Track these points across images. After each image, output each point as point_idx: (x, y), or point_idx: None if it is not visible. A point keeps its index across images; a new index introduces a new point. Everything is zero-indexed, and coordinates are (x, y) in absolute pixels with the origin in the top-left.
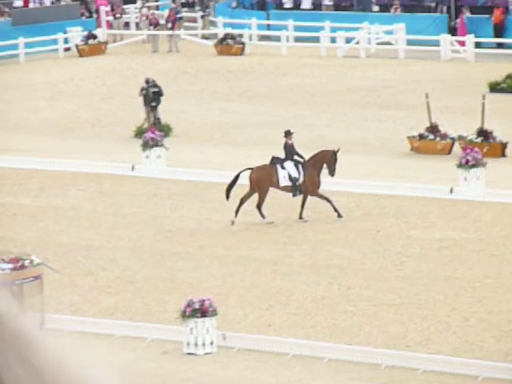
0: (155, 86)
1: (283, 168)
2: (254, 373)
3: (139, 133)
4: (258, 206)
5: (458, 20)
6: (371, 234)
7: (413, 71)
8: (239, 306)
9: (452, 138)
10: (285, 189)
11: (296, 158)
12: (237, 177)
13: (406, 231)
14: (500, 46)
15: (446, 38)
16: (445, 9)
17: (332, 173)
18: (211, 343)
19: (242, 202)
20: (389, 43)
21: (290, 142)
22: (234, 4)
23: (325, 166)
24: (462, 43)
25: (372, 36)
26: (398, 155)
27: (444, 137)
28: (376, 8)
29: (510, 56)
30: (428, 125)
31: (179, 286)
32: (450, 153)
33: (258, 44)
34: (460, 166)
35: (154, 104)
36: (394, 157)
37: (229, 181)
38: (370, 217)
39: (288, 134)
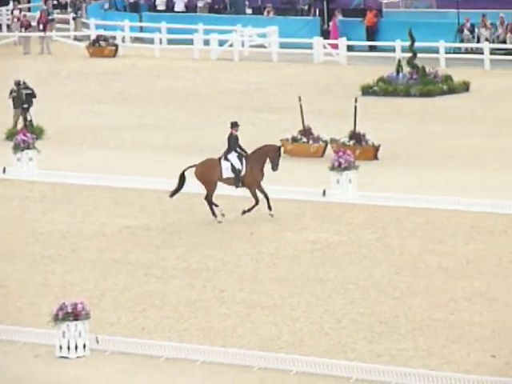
0: (27, 87)
1: (227, 160)
2: (127, 376)
3: (10, 135)
4: (207, 199)
5: (331, 23)
6: (245, 236)
7: (286, 74)
8: (112, 309)
9: (325, 141)
10: (227, 181)
11: (239, 150)
12: (182, 176)
13: (279, 233)
14: (372, 48)
15: (318, 41)
16: (317, 12)
17: (275, 168)
18: (84, 346)
19: (210, 199)
20: (262, 46)
21: (235, 133)
22: (106, 6)
23: (268, 160)
24: (335, 46)
25: (245, 39)
26: None
27: (317, 140)
28: (249, 11)
29: (382, 59)
30: (301, 128)
31: (52, 290)
32: (322, 156)
33: (130, 46)
34: (333, 168)
35: (25, 106)
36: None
37: (175, 183)
38: (243, 219)
39: (235, 125)
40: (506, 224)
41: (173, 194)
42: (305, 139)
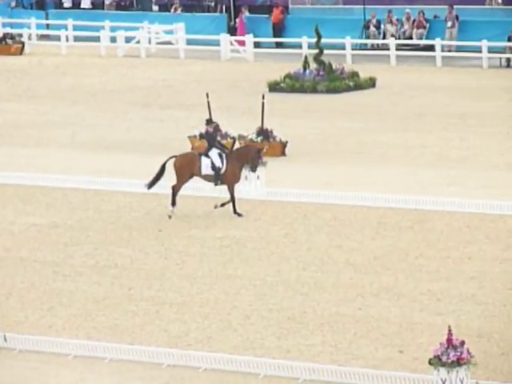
0: None
1: (207, 157)
2: (36, 374)
3: None
4: (174, 189)
5: (238, 20)
6: (153, 233)
7: (193, 71)
8: (20, 308)
9: (232, 138)
10: (206, 177)
11: (219, 146)
12: (163, 167)
13: (187, 230)
14: (279, 45)
15: (225, 38)
16: (224, 8)
17: (254, 169)
18: None
19: (176, 191)
20: (169, 43)
21: (210, 130)
22: (13, 4)
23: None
24: (242, 43)
25: (152, 36)
26: None
27: (225, 136)
28: (156, 8)
29: (289, 55)
30: None
31: None
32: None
33: (37, 44)
34: None
35: None
36: None
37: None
38: (152, 216)
39: (209, 122)
40: (412, 219)
41: (151, 184)
42: None
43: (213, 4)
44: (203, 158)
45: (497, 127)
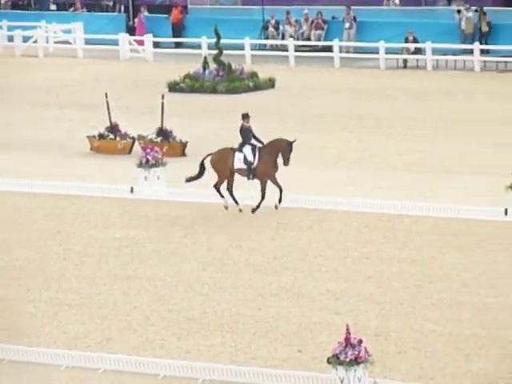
0: None
1: (241, 151)
2: None
3: None
4: (216, 186)
5: (137, 19)
6: (51, 234)
7: (92, 71)
8: None
9: (132, 138)
10: (240, 172)
11: (253, 141)
12: (202, 166)
13: (86, 231)
14: (178, 45)
15: (124, 38)
16: (123, 8)
17: (286, 163)
18: None
19: (230, 190)
20: (67, 42)
21: (246, 125)
22: None
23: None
24: (141, 43)
25: (50, 35)
26: (79, 155)
27: (124, 136)
28: (54, 7)
29: (189, 56)
30: (108, 124)
31: None
32: (130, 152)
33: None
34: (140, 165)
35: None
36: (74, 157)
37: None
38: (50, 217)
39: (246, 116)
40: (311, 219)
41: (189, 180)
42: (112, 136)
43: (111, 3)
44: (237, 153)
45: (394, 128)
